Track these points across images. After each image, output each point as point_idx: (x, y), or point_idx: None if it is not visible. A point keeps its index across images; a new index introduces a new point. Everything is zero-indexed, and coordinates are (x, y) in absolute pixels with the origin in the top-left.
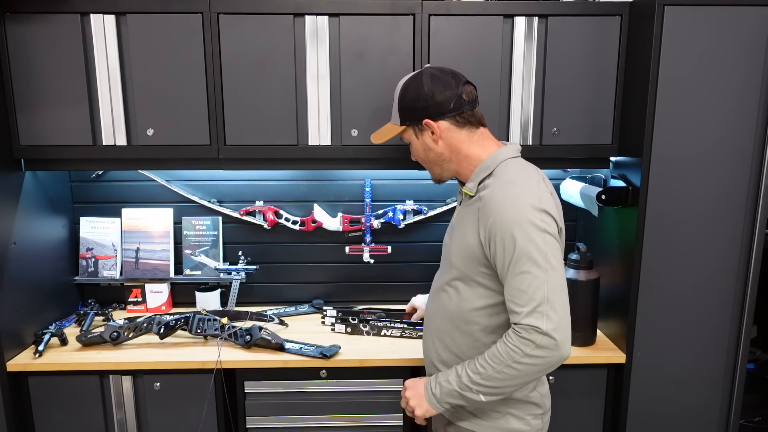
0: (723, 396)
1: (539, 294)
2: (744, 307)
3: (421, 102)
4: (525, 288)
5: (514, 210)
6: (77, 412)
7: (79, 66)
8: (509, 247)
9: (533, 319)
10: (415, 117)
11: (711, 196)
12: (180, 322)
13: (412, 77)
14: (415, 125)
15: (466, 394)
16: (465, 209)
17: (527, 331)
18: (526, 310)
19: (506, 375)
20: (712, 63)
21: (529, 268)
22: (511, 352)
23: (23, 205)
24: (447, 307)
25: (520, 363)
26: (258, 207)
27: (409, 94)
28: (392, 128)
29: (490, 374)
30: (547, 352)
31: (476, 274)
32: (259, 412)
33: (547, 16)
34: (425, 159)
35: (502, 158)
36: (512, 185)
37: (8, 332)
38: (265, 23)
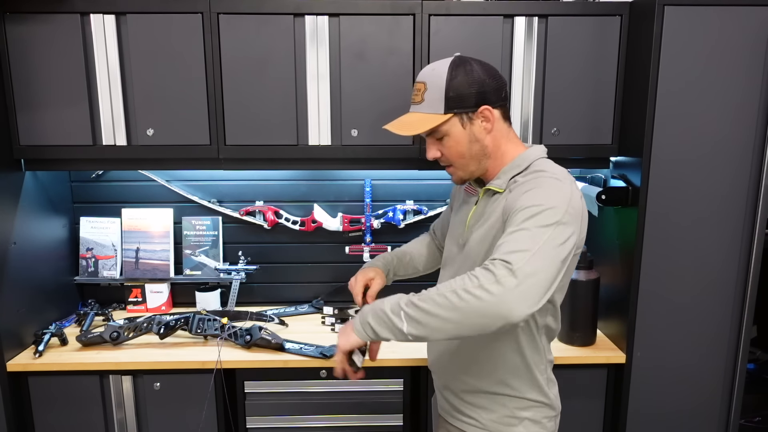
0: (723, 396)
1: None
2: (744, 307)
3: (476, 87)
4: (513, 239)
5: (548, 187)
6: (77, 412)
7: (79, 66)
8: (520, 215)
9: (508, 255)
10: (467, 103)
11: (711, 196)
12: (180, 322)
13: (454, 62)
14: (464, 113)
15: (392, 317)
16: (487, 207)
17: (495, 264)
18: (505, 249)
19: (445, 301)
20: (712, 63)
21: (529, 226)
22: (466, 278)
23: (23, 205)
24: None
25: (467, 292)
26: (258, 207)
27: (461, 79)
28: (428, 118)
29: (429, 297)
30: (499, 291)
31: None
32: (259, 412)
33: (547, 16)
34: (466, 153)
35: (535, 157)
36: (553, 180)
37: (8, 332)
38: (265, 23)
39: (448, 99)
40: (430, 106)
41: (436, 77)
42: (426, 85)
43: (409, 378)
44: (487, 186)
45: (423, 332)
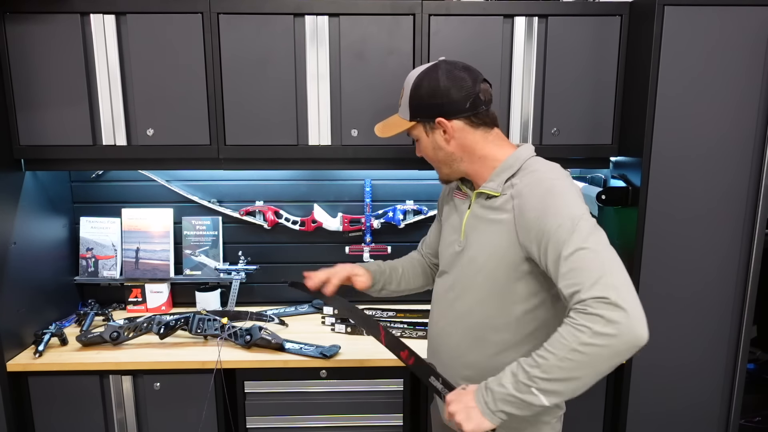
0: (723, 396)
1: (596, 267)
2: (744, 307)
3: (436, 99)
4: (580, 265)
5: (560, 202)
6: (77, 412)
7: (79, 66)
8: (561, 233)
9: (598, 290)
10: (427, 113)
11: (711, 196)
12: (180, 322)
13: (426, 70)
14: (426, 122)
15: (524, 397)
16: (485, 211)
17: (593, 306)
18: (587, 284)
19: (571, 363)
20: (712, 63)
21: (581, 244)
22: (575, 332)
23: (23, 205)
24: (471, 321)
25: (588, 345)
26: (258, 207)
27: (423, 89)
28: (400, 122)
29: (552, 364)
30: (617, 329)
31: (514, 277)
32: (259, 412)
33: (547, 16)
34: (434, 158)
35: (526, 157)
36: (552, 181)
37: (8, 332)
38: (265, 23)
39: (411, 107)
40: (403, 111)
41: (408, 84)
42: (403, 91)
43: (409, 378)
44: (480, 189)
45: (565, 396)
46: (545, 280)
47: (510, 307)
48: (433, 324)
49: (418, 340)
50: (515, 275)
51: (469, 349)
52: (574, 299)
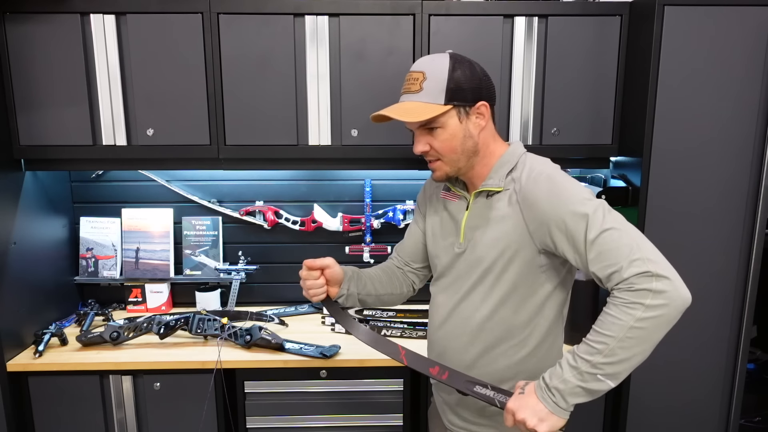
0: (723, 396)
1: (626, 245)
2: (744, 306)
3: (474, 82)
4: (611, 246)
5: (568, 191)
6: (77, 412)
7: (79, 66)
8: (577, 219)
9: (637, 266)
10: (467, 97)
11: (711, 196)
12: (180, 322)
13: (454, 56)
14: (462, 107)
15: (591, 386)
16: (487, 209)
17: (638, 282)
18: (624, 262)
19: (633, 341)
20: (712, 63)
21: (604, 225)
22: (629, 310)
23: (23, 205)
24: (480, 322)
25: (644, 319)
26: (258, 207)
27: (461, 72)
28: (430, 107)
29: (613, 347)
30: (667, 297)
31: (528, 273)
32: (259, 412)
33: (547, 16)
34: (459, 148)
35: (521, 152)
36: (553, 175)
37: (8, 332)
38: (265, 23)
39: (449, 90)
40: (429, 96)
41: (436, 68)
42: (425, 75)
43: (409, 378)
44: (481, 188)
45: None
46: (558, 274)
47: (522, 305)
48: (436, 328)
49: (418, 340)
50: (529, 270)
51: (478, 350)
52: (614, 279)
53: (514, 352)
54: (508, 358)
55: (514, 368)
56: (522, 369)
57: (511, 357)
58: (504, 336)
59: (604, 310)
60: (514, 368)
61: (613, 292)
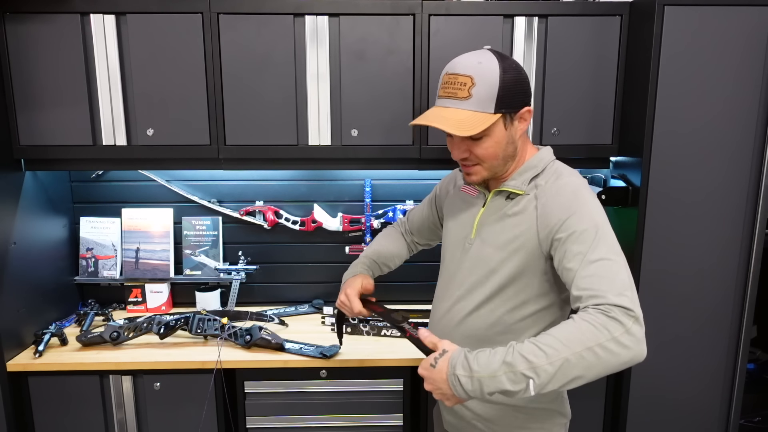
0: (723, 396)
1: (622, 279)
2: (744, 307)
3: (521, 86)
4: (606, 274)
5: (589, 205)
6: (77, 412)
7: (79, 66)
8: (586, 236)
9: (624, 301)
10: (513, 103)
11: (711, 196)
12: (180, 322)
13: (498, 57)
14: (509, 113)
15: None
16: (504, 209)
17: (617, 313)
18: (613, 292)
19: (583, 362)
20: (712, 63)
21: (608, 255)
22: (596, 331)
23: (23, 205)
24: (478, 320)
25: (604, 348)
26: (258, 207)
27: (509, 76)
28: (483, 118)
29: (562, 358)
30: (633, 342)
31: (531, 275)
32: (259, 412)
33: (547, 16)
34: (501, 154)
35: (550, 159)
36: (578, 185)
37: (8, 332)
38: (265, 23)
39: (499, 98)
40: (478, 104)
41: (486, 72)
42: (474, 80)
43: (409, 378)
44: (502, 187)
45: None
46: (557, 281)
47: (521, 307)
48: (437, 320)
49: None
50: (533, 273)
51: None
52: (593, 301)
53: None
54: None
55: None
56: None
57: None
58: (501, 336)
59: (567, 321)
60: None
61: (587, 309)
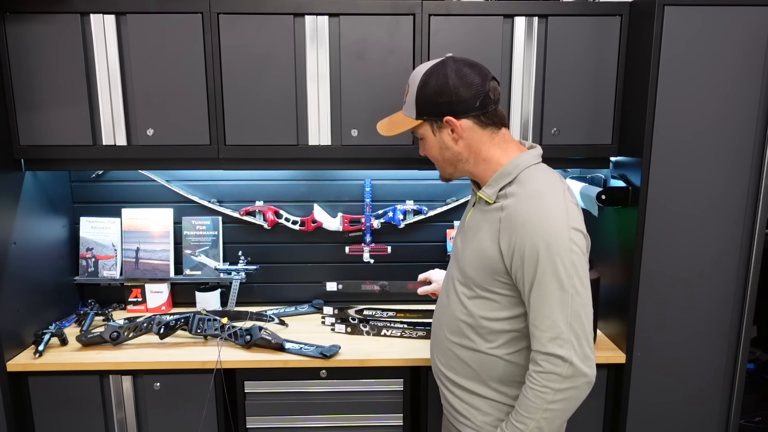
0: (723, 396)
1: (562, 321)
2: (744, 307)
3: (444, 97)
4: (548, 313)
5: (541, 227)
6: (77, 412)
7: (79, 66)
8: (532, 267)
9: (555, 347)
10: (435, 112)
11: (711, 196)
12: (180, 322)
13: (433, 67)
14: (433, 121)
15: None
16: (481, 214)
17: (549, 362)
18: (547, 336)
19: (547, 420)
20: (712, 63)
21: (552, 291)
22: (541, 395)
23: (23, 205)
24: (456, 316)
25: (555, 402)
26: (258, 207)
27: (431, 87)
28: (405, 121)
29: (531, 428)
30: (573, 382)
31: (492, 285)
32: (259, 412)
33: (547, 16)
34: (439, 158)
35: (525, 165)
36: (539, 197)
37: (8, 332)
38: (265, 23)
39: (419, 105)
40: (408, 109)
41: (414, 81)
42: (408, 87)
43: (409, 378)
44: (479, 193)
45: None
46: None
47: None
48: (434, 320)
49: (418, 340)
50: (496, 283)
51: (457, 348)
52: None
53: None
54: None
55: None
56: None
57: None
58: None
59: (522, 391)
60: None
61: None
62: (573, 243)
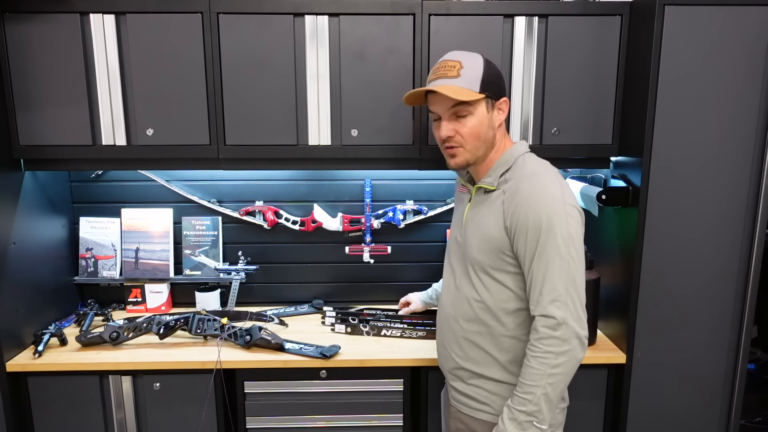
0: (723, 396)
1: (560, 284)
2: (744, 307)
3: (501, 80)
4: (548, 278)
5: (542, 201)
6: (77, 413)
7: (78, 66)
8: (535, 237)
9: (554, 308)
10: (496, 92)
11: (711, 196)
12: (180, 322)
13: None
14: (491, 99)
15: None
16: (481, 205)
17: (547, 325)
18: (547, 299)
19: (552, 386)
20: (713, 63)
21: (552, 257)
22: (544, 360)
23: (23, 205)
24: (470, 304)
25: (557, 366)
26: (258, 207)
27: (492, 67)
28: (467, 92)
29: (539, 395)
30: (570, 344)
31: (501, 265)
32: (259, 412)
33: (547, 16)
34: (482, 136)
35: (519, 153)
36: (537, 177)
37: (8, 332)
38: (265, 23)
39: (484, 81)
40: (466, 82)
41: (472, 60)
42: (462, 64)
43: (409, 378)
44: (479, 184)
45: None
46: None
47: (499, 297)
48: (442, 312)
49: (418, 340)
50: (503, 261)
51: (479, 334)
52: (533, 306)
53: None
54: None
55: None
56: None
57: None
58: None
59: (525, 363)
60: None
61: (530, 341)
62: (569, 216)
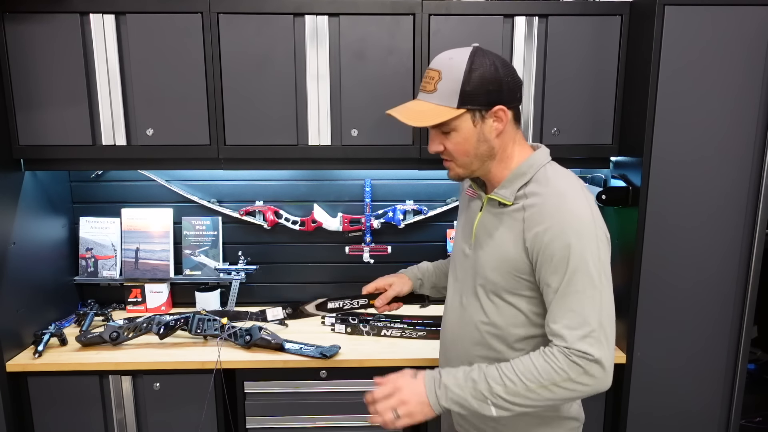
0: (723, 396)
1: (593, 318)
2: (744, 307)
3: (494, 85)
4: (579, 309)
5: (571, 224)
6: (77, 413)
7: (78, 66)
8: (563, 262)
9: (587, 345)
10: (483, 101)
11: (711, 196)
12: (180, 322)
13: (475, 54)
14: (477, 110)
15: (477, 405)
16: (495, 217)
17: (579, 356)
18: (578, 334)
19: (538, 396)
20: (713, 63)
21: (584, 287)
22: (553, 372)
23: (23, 205)
24: (478, 327)
25: (561, 387)
26: (258, 207)
27: (478, 73)
28: (441, 111)
29: (518, 390)
30: (593, 381)
31: (517, 288)
32: (259, 412)
33: (547, 16)
34: (472, 152)
35: (540, 164)
36: (564, 197)
37: (8, 332)
38: (265, 23)
39: (463, 93)
40: (442, 98)
41: (453, 68)
42: (441, 74)
43: None
44: (492, 195)
45: (515, 412)
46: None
47: (512, 323)
48: (446, 331)
49: (418, 340)
50: (520, 284)
51: (478, 352)
52: (557, 341)
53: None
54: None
55: None
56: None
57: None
58: (498, 346)
59: (532, 354)
60: None
61: (552, 345)
62: (599, 240)
